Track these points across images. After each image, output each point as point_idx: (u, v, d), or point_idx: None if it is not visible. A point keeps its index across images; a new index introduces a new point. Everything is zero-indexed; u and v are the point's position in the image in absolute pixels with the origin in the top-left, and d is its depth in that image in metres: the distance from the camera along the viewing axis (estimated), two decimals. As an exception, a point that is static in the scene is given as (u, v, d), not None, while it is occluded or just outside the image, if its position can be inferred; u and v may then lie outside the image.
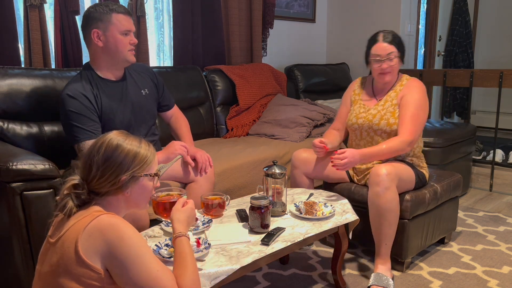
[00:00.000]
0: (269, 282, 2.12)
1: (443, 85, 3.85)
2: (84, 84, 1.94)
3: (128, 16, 1.96)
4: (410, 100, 2.16)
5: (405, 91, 2.20)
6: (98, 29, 1.91)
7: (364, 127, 2.23)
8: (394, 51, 2.16)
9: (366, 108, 2.27)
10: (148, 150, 1.25)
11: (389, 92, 2.24)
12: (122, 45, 1.94)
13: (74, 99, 1.89)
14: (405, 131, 2.10)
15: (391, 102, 2.21)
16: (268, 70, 3.63)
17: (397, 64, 2.18)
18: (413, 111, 2.13)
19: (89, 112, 1.90)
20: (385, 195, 1.98)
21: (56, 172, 1.74)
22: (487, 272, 2.23)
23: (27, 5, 2.44)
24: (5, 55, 2.41)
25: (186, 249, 1.25)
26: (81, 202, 1.19)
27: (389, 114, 2.18)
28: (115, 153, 1.20)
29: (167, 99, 2.29)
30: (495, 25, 5.58)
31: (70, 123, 1.89)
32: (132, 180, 1.22)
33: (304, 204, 1.91)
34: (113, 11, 1.91)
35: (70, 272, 1.10)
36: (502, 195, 3.49)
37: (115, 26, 1.91)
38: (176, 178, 2.17)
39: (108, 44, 1.93)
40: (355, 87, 2.39)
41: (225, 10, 3.52)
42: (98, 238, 1.10)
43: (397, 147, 2.08)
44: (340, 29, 4.50)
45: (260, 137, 3.15)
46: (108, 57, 1.97)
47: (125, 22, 1.94)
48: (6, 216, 1.71)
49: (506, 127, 5.39)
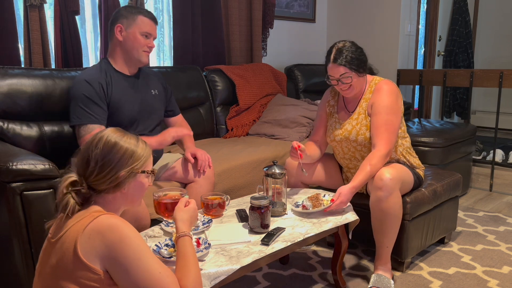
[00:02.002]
0: (269, 282, 2.12)
1: (443, 85, 3.85)
2: (100, 72, 2.07)
3: (152, 21, 2.10)
4: (380, 107, 2.06)
5: (374, 98, 2.10)
6: (122, 25, 2.05)
7: (343, 143, 2.18)
8: (346, 72, 2.02)
9: (341, 123, 2.19)
10: (144, 148, 1.26)
11: (360, 102, 2.15)
12: (138, 44, 2.07)
13: (89, 84, 1.99)
14: (381, 142, 2.01)
15: (364, 114, 2.12)
16: (268, 70, 3.63)
17: (356, 80, 2.06)
18: (385, 118, 2.04)
19: (98, 99, 2.00)
20: (388, 200, 1.95)
21: (56, 172, 1.74)
22: (487, 272, 2.23)
23: (27, 5, 2.44)
24: (5, 55, 2.42)
25: (189, 249, 1.25)
26: (82, 198, 1.18)
27: (364, 128, 2.11)
28: (113, 149, 1.20)
29: (173, 105, 2.38)
30: (495, 25, 5.58)
31: (79, 105, 1.98)
32: (130, 177, 1.22)
33: (310, 200, 1.91)
34: (140, 13, 2.07)
35: (69, 274, 1.10)
36: (502, 195, 3.49)
37: (138, 26, 2.06)
38: (176, 178, 2.18)
39: (127, 40, 2.06)
40: (329, 97, 2.30)
41: (225, 10, 3.52)
42: (97, 240, 1.09)
43: (380, 164, 1.99)
44: (340, 29, 4.50)
45: (260, 137, 3.15)
46: (124, 52, 2.09)
47: (148, 26, 2.08)
48: (6, 216, 1.71)
49: (506, 127, 5.39)
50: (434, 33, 4.83)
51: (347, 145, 2.17)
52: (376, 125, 2.05)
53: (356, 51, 2.06)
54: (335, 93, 2.29)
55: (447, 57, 5.28)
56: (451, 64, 5.28)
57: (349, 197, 1.92)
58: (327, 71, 2.09)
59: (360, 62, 2.06)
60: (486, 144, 4.12)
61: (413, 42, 4.32)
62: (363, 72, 2.09)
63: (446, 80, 3.77)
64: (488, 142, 4.10)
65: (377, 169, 1.98)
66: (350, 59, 2.03)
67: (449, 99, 5.43)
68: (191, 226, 1.35)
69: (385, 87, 2.10)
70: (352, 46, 2.07)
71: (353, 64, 2.03)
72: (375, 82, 2.15)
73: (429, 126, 3.40)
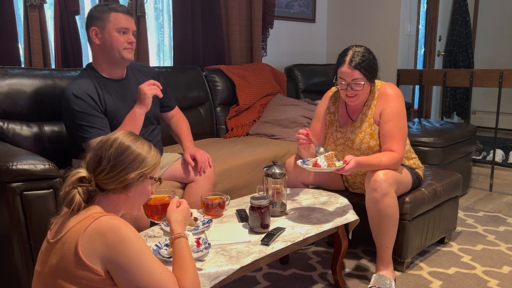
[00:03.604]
0: (269, 282, 2.12)
1: (443, 85, 3.85)
2: (87, 83, 1.95)
3: (127, 15, 1.97)
4: (391, 114, 2.02)
5: (381, 105, 2.06)
6: (96, 27, 1.95)
7: (345, 151, 2.15)
8: (359, 77, 1.97)
9: (342, 132, 2.15)
10: (155, 156, 1.28)
11: (364, 110, 2.11)
12: (117, 42, 1.95)
13: (79, 98, 1.89)
14: (397, 148, 1.99)
15: (368, 122, 2.08)
16: (268, 70, 3.63)
17: (365, 88, 2.01)
18: (398, 125, 2.02)
19: (94, 110, 1.91)
20: (383, 200, 1.94)
21: (56, 172, 1.74)
22: (487, 272, 2.23)
23: (27, 5, 2.44)
24: (5, 55, 2.42)
25: (185, 250, 1.26)
26: (87, 196, 1.19)
27: (369, 136, 2.07)
28: (126, 152, 1.21)
29: (169, 100, 2.29)
30: (495, 25, 5.58)
31: (78, 123, 1.89)
32: (139, 181, 1.24)
33: (326, 158, 1.85)
34: (112, 10, 1.94)
35: (70, 274, 1.10)
36: (502, 195, 3.49)
37: (112, 23, 1.94)
38: (176, 178, 2.18)
39: (105, 41, 1.95)
40: (329, 104, 2.23)
41: (225, 10, 3.52)
42: (98, 241, 1.09)
43: (389, 165, 1.97)
44: (340, 29, 4.50)
45: (260, 137, 3.15)
46: (106, 55, 1.99)
47: (123, 21, 1.95)
48: (6, 216, 1.71)
49: (506, 127, 5.39)
50: (434, 33, 4.83)
51: (349, 153, 2.14)
52: (390, 133, 2.01)
53: (372, 60, 2.02)
54: (336, 99, 2.23)
55: (447, 57, 5.28)
56: (451, 64, 5.28)
57: (356, 167, 1.88)
58: (337, 73, 2.03)
59: (374, 71, 2.02)
60: (486, 144, 4.12)
61: (413, 42, 4.32)
62: (373, 81, 2.07)
63: (446, 80, 3.76)
64: (488, 142, 4.10)
65: (383, 166, 1.97)
66: (366, 65, 1.98)
67: (449, 99, 5.43)
68: (185, 226, 1.36)
69: (390, 91, 2.07)
70: (370, 54, 2.02)
71: (368, 71, 1.99)
72: (377, 88, 2.11)
73: (429, 126, 3.40)
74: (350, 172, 1.89)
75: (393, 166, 2.00)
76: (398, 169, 2.06)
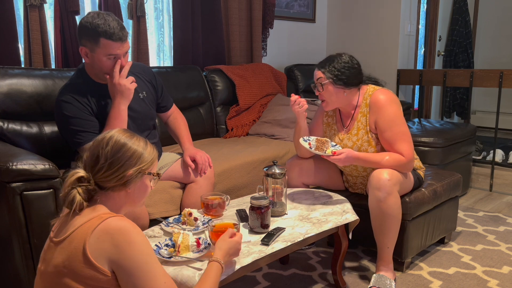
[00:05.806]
0: (269, 282, 2.12)
1: (443, 85, 3.85)
2: (78, 87, 1.93)
3: (118, 42, 1.83)
4: (387, 122, 1.99)
5: (375, 114, 2.02)
6: (85, 47, 1.86)
7: None
8: (321, 77, 1.98)
9: (340, 138, 2.14)
10: (152, 152, 1.28)
11: (356, 116, 2.08)
12: (107, 67, 1.88)
13: (69, 103, 1.89)
14: (403, 151, 1.97)
15: (364, 130, 2.06)
16: (268, 70, 3.63)
17: (331, 91, 2.00)
18: (397, 131, 1.98)
19: (85, 114, 1.90)
20: (386, 200, 1.94)
21: (56, 172, 1.74)
22: (487, 272, 2.23)
23: (27, 5, 2.44)
24: (5, 55, 2.41)
25: (212, 273, 1.29)
26: (87, 195, 1.19)
27: (366, 144, 2.06)
28: (122, 149, 1.22)
29: (166, 100, 2.27)
30: (495, 25, 5.58)
31: (70, 128, 1.89)
32: (138, 177, 1.24)
33: (316, 141, 1.89)
34: (102, 35, 1.80)
35: (76, 273, 1.10)
36: (502, 195, 3.49)
37: (101, 50, 1.83)
38: (176, 179, 2.18)
39: (94, 63, 1.89)
40: None
41: (225, 10, 3.52)
42: (106, 241, 1.10)
43: (392, 165, 1.95)
44: (340, 29, 4.50)
45: (260, 137, 3.15)
46: (96, 69, 1.93)
47: (113, 48, 1.84)
48: (6, 216, 1.71)
49: (506, 127, 5.39)
50: (434, 33, 4.83)
51: None
52: (390, 141, 1.99)
53: (345, 64, 2.00)
54: None
55: (447, 57, 5.28)
56: (451, 64, 5.28)
57: (349, 161, 1.93)
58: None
59: (342, 75, 1.99)
60: (486, 144, 4.12)
61: (413, 42, 4.32)
62: (341, 85, 2.00)
63: (446, 80, 3.77)
64: (488, 142, 4.10)
65: (386, 166, 1.96)
66: (332, 67, 1.99)
67: (449, 99, 5.43)
68: (228, 256, 1.38)
69: (382, 98, 2.02)
70: (344, 59, 2.02)
71: (332, 73, 1.99)
72: (369, 94, 2.06)
73: (429, 126, 3.40)
74: (341, 164, 1.92)
75: (398, 168, 1.98)
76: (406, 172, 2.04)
